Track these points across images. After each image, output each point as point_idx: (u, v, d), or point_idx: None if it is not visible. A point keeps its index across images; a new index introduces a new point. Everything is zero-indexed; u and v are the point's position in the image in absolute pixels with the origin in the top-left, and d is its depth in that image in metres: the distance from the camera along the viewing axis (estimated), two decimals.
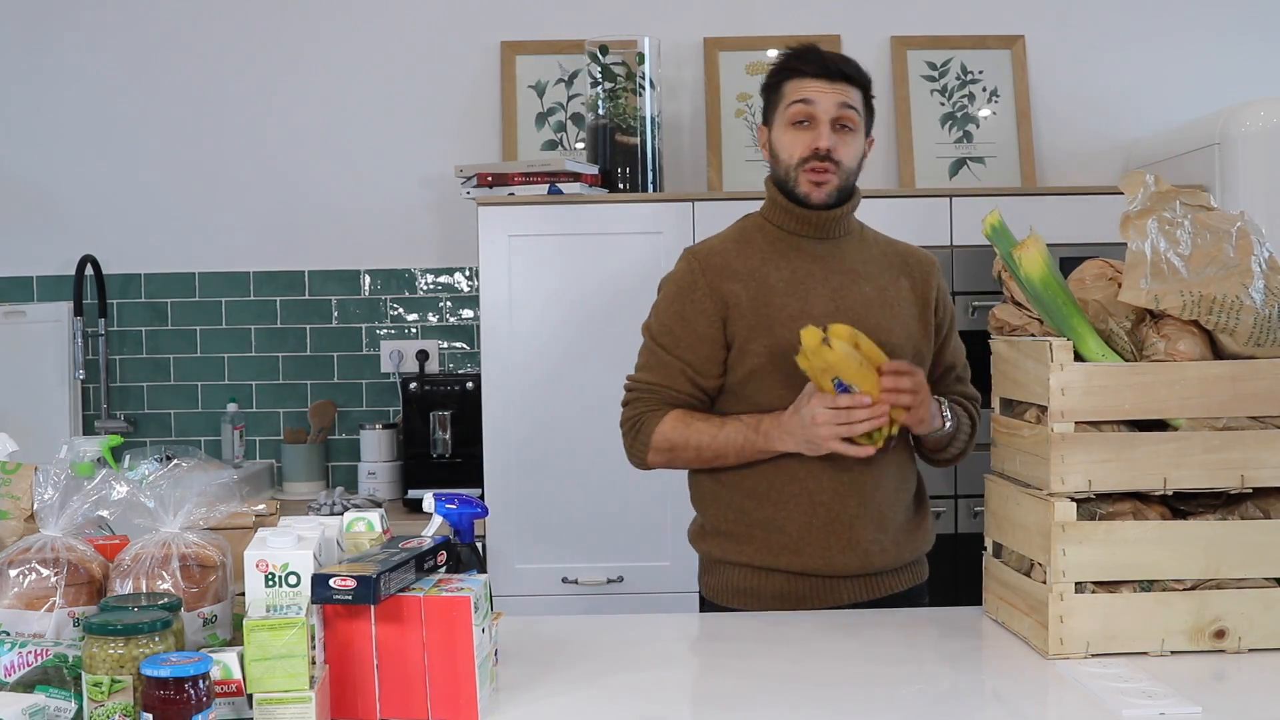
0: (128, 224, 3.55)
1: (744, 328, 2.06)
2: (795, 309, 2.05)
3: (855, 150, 2.09)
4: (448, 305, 3.58)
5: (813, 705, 1.58)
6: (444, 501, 1.73)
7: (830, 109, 2.04)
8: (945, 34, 3.56)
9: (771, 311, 2.06)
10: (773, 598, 2.07)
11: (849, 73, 2.07)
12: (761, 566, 2.07)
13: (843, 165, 2.07)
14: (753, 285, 2.08)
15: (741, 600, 2.09)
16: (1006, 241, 1.78)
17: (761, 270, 2.09)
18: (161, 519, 1.52)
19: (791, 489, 2.05)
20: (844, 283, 2.10)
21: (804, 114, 2.05)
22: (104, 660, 1.32)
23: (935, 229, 3.06)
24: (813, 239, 2.12)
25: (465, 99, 3.55)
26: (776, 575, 2.07)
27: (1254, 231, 1.74)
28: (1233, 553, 1.69)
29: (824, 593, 2.07)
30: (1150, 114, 3.55)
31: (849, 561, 2.05)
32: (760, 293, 2.07)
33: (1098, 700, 1.52)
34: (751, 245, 2.13)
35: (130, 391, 3.56)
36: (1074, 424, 1.69)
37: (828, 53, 2.09)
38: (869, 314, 2.07)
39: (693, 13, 3.55)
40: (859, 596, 2.08)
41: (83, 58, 3.54)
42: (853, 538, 2.05)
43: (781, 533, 2.06)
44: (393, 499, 3.32)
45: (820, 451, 1.96)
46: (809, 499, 2.04)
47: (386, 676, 1.46)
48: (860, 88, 2.09)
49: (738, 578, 2.10)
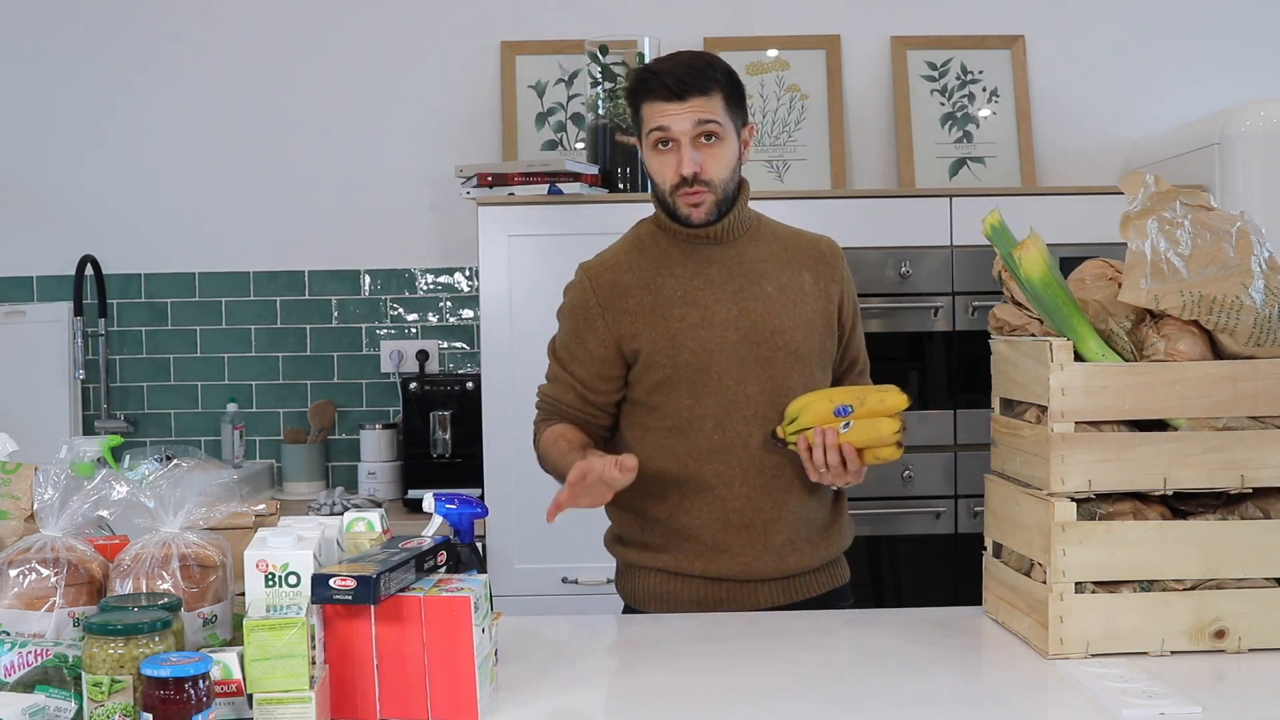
0: (128, 224, 3.55)
1: (645, 343, 2.04)
2: (696, 318, 2.03)
3: (726, 158, 2.02)
4: (448, 305, 3.58)
5: (813, 705, 1.58)
6: (444, 501, 1.73)
7: (688, 129, 1.98)
8: (945, 34, 3.56)
9: (671, 324, 2.03)
10: (689, 602, 2.06)
11: (699, 85, 1.98)
12: (677, 572, 2.06)
13: (714, 181, 2.01)
14: (647, 299, 2.05)
15: (657, 604, 2.08)
16: (1006, 241, 1.78)
17: (657, 281, 2.06)
18: (161, 519, 1.52)
19: (704, 496, 2.03)
20: (744, 284, 2.06)
21: (664, 138, 2.01)
22: (104, 660, 1.32)
23: (935, 229, 3.06)
24: (707, 245, 2.08)
25: (465, 99, 3.55)
26: (693, 580, 2.06)
27: (1254, 231, 1.74)
28: (1233, 553, 1.69)
29: (741, 597, 2.05)
30: (1150, 114, 3.55)
31: (765, 565, 2.04)
32: (656, 305, 2.04)
33: (1098, 700, 1.52)
34: (645, 255, 2.09)
35: (130, 391, 3.56)
36: (1074, 424, 1.69)
37: (675, 67, 2.00)
38: (771, 315, 2.04)
39: (693, 13, 3.55)
40: (777, 600, 2.06)
41: (83, 58, 3.54)
42: (768, 541, 2.03)
43: (696, 540, 2.04)
44: (393, 499, 3.32)
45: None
46: (722, 505, 2.03)
47: (386, 676, 1.46)
48: (717, 92, 2.00)
49: (654, 583, 2.09)
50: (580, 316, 2.09)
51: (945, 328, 3.07)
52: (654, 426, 2.06)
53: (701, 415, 2.03)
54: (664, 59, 2.05)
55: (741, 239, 2.10)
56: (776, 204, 3.08)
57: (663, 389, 2.04)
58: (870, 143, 3.57)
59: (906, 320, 3.07)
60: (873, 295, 3.03)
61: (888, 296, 3.06)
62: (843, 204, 3.09)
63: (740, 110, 2.06)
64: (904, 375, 3.11)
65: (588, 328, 2.08)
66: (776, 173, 3.48)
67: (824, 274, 2.12)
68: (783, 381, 2.04)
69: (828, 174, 3.48)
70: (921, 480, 3.07)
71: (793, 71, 3.53)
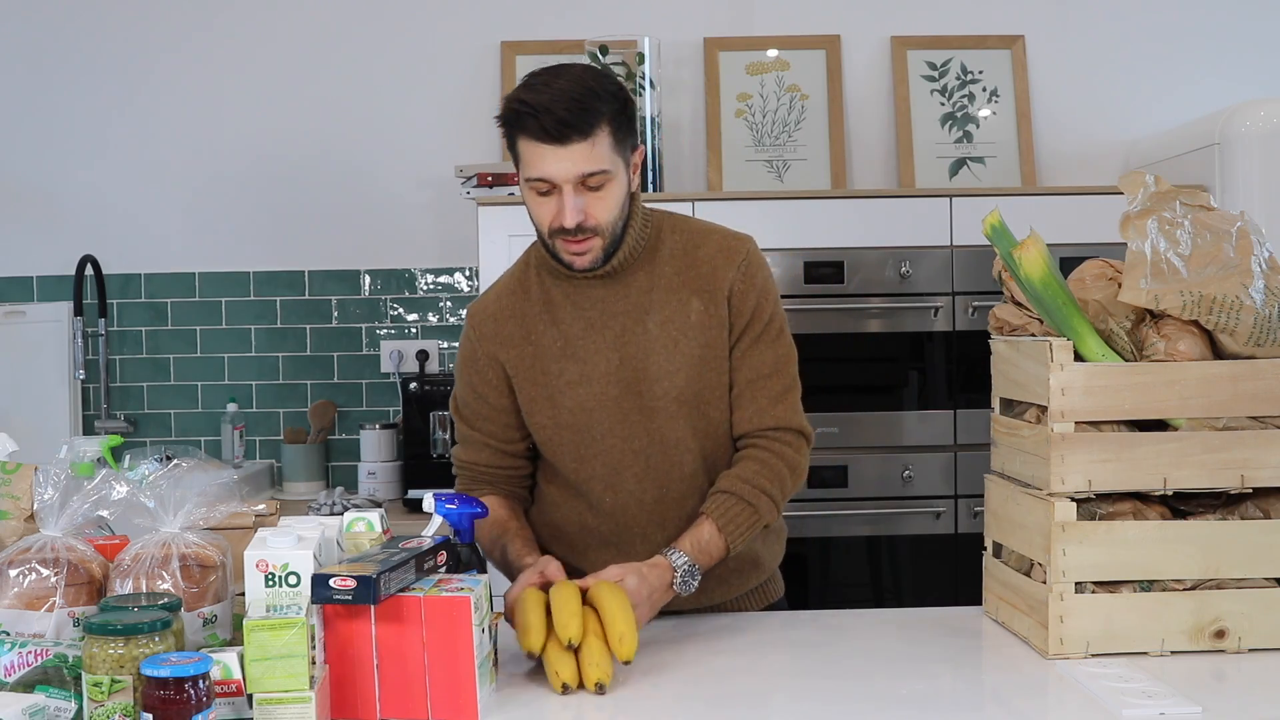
0: (128, 224, 3.55)
1: (525, 399, 1.94)
2: (574, 374, 1.90)
3: (614, 200, 1.82)
4: (448, 305, 3.58)
5: (813, 705, 1.58)
6: (444, 501, 1.73)
7: (568, 176, 1.77)
8: (945, 34, 3.56)
9: (549, 379, 1.92)
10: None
11: (582, 126, 1.76)
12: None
13: (601, 225, 1.82)
14: (528, 351, 1.93)
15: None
16: (1006, 241, 1.78)
17: (535, 331, 1.93)
18: (161, 519, 1.52)
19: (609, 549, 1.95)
20: (626, 325, 1.90)
21: (542, 187, 1.81)
22: (104, 660, 1.32)
23: (935, 229, 3.06)
24: (591, 285, 1.92)
25: (465, 99, 3.55)
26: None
27: (1254, 231, 1.74)
28: (1233, 553, 1.69)
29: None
30: (1150, 114, 3.55)
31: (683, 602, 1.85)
32: (536, 359, 1.93)
33: (1098, 700, 1.52)
34: (529, 296, 1.95)
35: (130, 391, 3.56)
36: (1074, 424, 1.69)
37: (555, 102, 1.75)
38: (650, 360, 1.89)
39: (693, 13, 3.55)
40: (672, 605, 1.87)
41: (83, 59, 3.54)
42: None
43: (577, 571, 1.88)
44: (393, 499, 3.32)
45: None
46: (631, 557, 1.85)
47: (386, 676, 1.46)
48: (606, 125, 1.79)
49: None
50: (473, 368, 1.98)
51: (945, 328, 3.07)
52: (553, 480, 2.00)
53: (589, 477, 1.94)
54: (543, 86, 1.80)
55: (630, 269, 1.92)
56: (777, 204, 3.10)
57: (549, 448, 1.96)
58: (870, 143, 3.57)
59: (906, 320, 3.07)
60: (873, 295, 3.03)
61: (888, 296, 3.05)
62: (843, 204, 3.09)
63: (629, 136, 1.85)
64: (904, 375, 3.11)
65: (481, 380, 1.97)
66: (776, 173, 3.48)
67: (713, 296, 1.90)
68: (669, 432, 1.91)
69: (828, 174, 3.48)
70: (921, 480, 3.07)
71: (793, 71, 3.53)
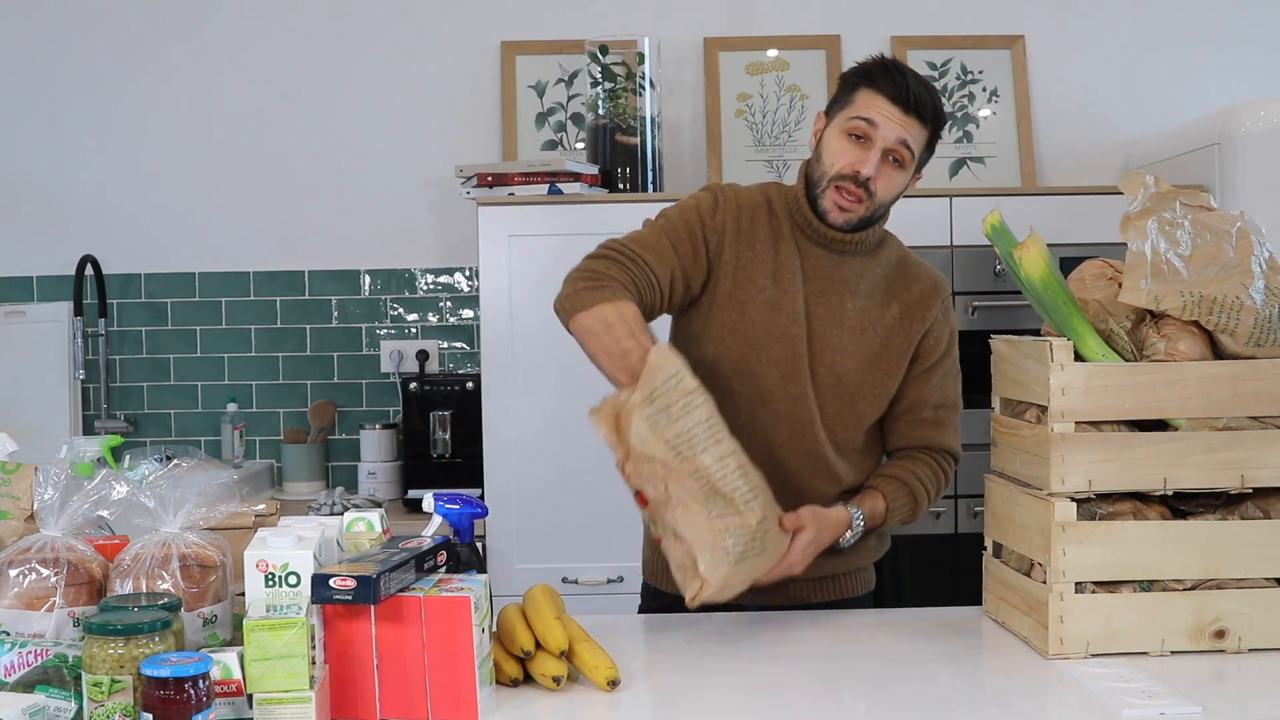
0: (128, 224, 3.55)
1: (721, 293, 1.99)
2: (770, 298, 1.98)
3: (896, 187, 1.97)
4: (448, 305, 3.58)
5: (813, 705, 1.58)
6: (444, 501, 1.73)
7: (889, 138, 1.92)
8: (945, 34, 3.56)
9: (748, 289, 1.99)
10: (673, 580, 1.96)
11: (923, 109, 1.93)
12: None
13: (876, 198, 1.95)
14: (747, 255, 2.00)
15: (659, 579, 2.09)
16: (1006, 241, 1.78)
17: (761, 245, 2.00)
18: (161, 519, 1.52)
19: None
20: (826, 292, 2.01)
21: (861, 130, 1.93)
22: (104, 660, 1.32)
23: (935, 229, 3.06)
24: (819, 246, 2.02)
25: (465, 99, 3.55)
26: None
27: (1254, 232, 1.74)
28: (1233, 553, 1.69)
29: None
30: (1150, 114, 3.55)
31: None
32: (750, 265, 1.99)
33: (1098, 700, 1.52)
34: (769, 219, 2.03)
35: (130, 391, 3.56)
36: (1074, 424, 1.69)
37: (914, 81, 1.94)
38: (829, 331, 1.99)
39: (693, 13, 3.55)
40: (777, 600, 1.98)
41: (83, 58, 3.54)
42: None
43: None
44: (393, 499, 3.32)
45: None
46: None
47: (386, 676, 1.46)
48: (929, 129, 1.97)
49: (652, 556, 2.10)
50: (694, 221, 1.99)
51: None
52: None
53: (734, 395, 1.97)
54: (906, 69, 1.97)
55: (850, 253, 2.03)
56: None
57: (710, 346, 1.99)
58: None
59: None
60: None
61: None
62: None
63: (928, 156, 2.02)
64: None
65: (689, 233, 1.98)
66: (776, 173, 3.48)
67: (913, 311, 2.03)
68: (818, 396, 1.99)
69: None
70: None
71: (793, 71, 3.53)
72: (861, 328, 2.01)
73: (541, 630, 1.61)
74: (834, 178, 1.95)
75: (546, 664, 1.59)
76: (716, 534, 1.70)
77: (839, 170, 1.95)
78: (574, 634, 1.63)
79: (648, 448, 1.71)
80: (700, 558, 1.70)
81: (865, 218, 1.98)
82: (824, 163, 1.98)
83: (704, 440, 1.74)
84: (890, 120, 1.92)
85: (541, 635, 1.61)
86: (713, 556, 1.70)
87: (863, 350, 2.00)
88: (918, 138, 1.95)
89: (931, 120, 1.96)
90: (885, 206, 2.01)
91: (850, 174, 1.93)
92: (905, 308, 2.04)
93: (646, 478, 1.73)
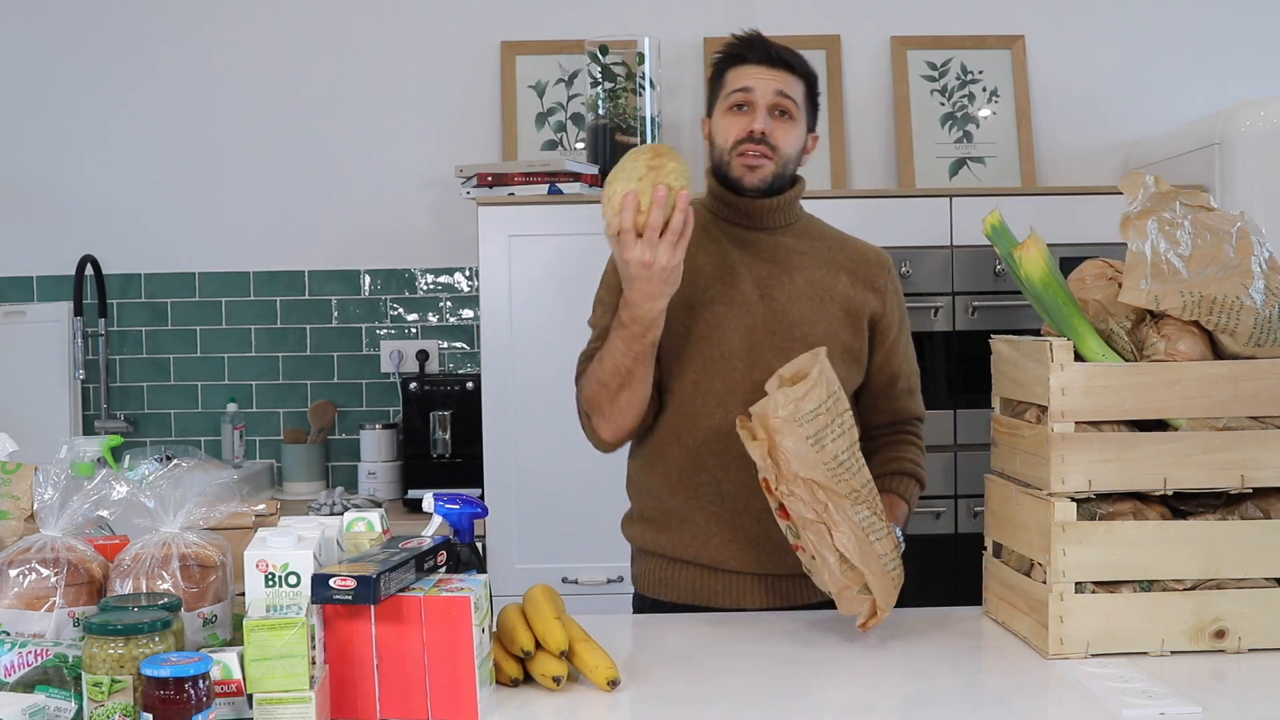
0: (128, 224, 3.55)
1: (676, 306, 1.98)
2: (718, 293, 2.02)
3: (794, 139, 2.04)
4: (448, 305, 3.58)
5: (812, 704, 1.58)
6: (444, 501, 1.73)
7: (768, 95, 2.01)
8: (945, 34, 3.56)
9: (695, 292, 2.01)
10: (684, 590, 2.06)
11: (790, 61, 2.04)
12: (674, 557, 2.06)
13: (780, 151, 2.02)
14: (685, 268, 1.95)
15: (661, 590, 2.09)
16: (1007, 241, 1.78)
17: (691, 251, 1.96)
18: (161, 519, 1.52)
19: (700, 478, 2.02)
20: (772, 272, 2.05)
21: (742, 99, 2.02)
22: (104, 660, 1.32)
23: (935, 229, 3.06)
24: (747, 228, 2.07)
25: (465, 99, 3.55)
26: (689, 568, 2.05)
27: (1254, 232, 1.74)
28: (1233, 553, 1.69)
29: (732, 591, 2.03)
30: (1150, 114, 3.55)
31: (759, 558, 2.01)
32: (690, 281, 1.99)
33: (1098, 700, 1.52)
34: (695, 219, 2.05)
35: (130, 391, 3.56)
36: (1074, 424, 1.69)
37: (771, 41, 2.06)
38: (793, 306, 2.02)
39: (693, 13, 3.55)
40: (770, 602, 2.03)
41: (83, 58, 3.54)
42: (760, 534, 1.99)
43: (690, 524, 2.04)
44: (393, 499, 3.32)
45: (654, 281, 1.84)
46: (717, 490, 2.01)
47: (386, 676, 1.46)
48: (803, 79, 2.05)
49: (655, 567, 2.10)
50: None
51: (945, 328, 3.07)
52: (660, 399, 2.05)
53: (706, 393, 2.01)
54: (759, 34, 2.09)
55: (782, 230, 2.09)
56: None
57: (671, 356, 2.02)
58: (870, 143, 3.57)
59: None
60: None
61: None
62: (843, 204, 3.08)
63: (813, 113, 2.09)
64: None
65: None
66: None
67: (861, 280, 2.08)
68: None
69: (828, 174, 3.48)
70: None
71: None
72: (819, 297, 2.05)
73: (541, 630, 1.62)
74: (733, 148, 2.03)
75: (546, 664, 1.59)
76: (880, 559, 1.75)
77: (734, 138, 2.02)
78: (574, 634, 1.63)
79: (808, 470, 1.72)
80: (872, 585, 1.74)
81: (777, 174, 2.03)
82: (719, 143, 2.06)
83: (854, 461, 1.77)
84: (762, 79, 2.01)
85: (541, 635, 1.61)
86: (884, 584, 1.75)
87: (828, 317, 2.04)
88: (794, 88, 2.03)
89: (802, 70, 2.05)
90: (792, 162, 2.05)
91: (744, 136, 2.01)
92: (853, 276, 2.08)
93: (802, 498, 1.73)
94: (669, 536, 2.06)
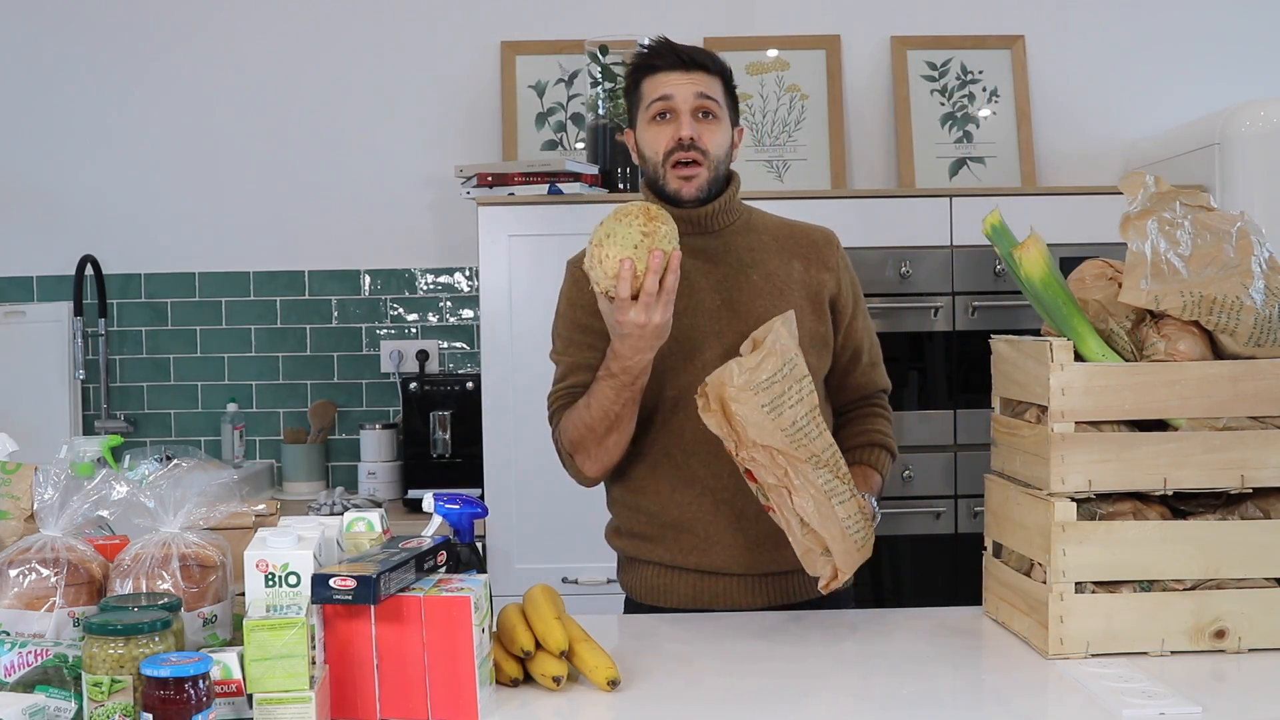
0: (128, 224, 3.56)
1: None
2: (680, 305, 1.96)
3: (722, 139, 2.03)
4: (448, 305, 3.58)
5: (813, 705, 1.58)
6: (444, 501, 1.73)
7: (689, 99, 2.00)
8: (945, 34, 3.56)
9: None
10: (684, 596, 2.06)
11: (703, 61, 2.02)
12: (670, 565, 2.06)
13: (710, 154, 2.01)
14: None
15: (654, 597, 2.09)
16: (1007, 241, 1.78)
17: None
18: (161, 519, 1.52)
19: (693, 489, 2.02)
20: (730, 274, 2.05)
21: (664, 108, 2.01)
22: (104, 660, 1.32)
23: (935, 229, 3.06)
24: (694, 235, 2.04)
25: (465, 99, 3.55)
26: (686, 574, 2.05)
27: (1254, 232, 1.74)
28: (1233, 553, 1.69)
29: (735, 593, 2.04)
30: (1150, 114, 3.55)
31: (755, 559, 2.01)
32: None
33: (1098, 700, 1.52)
34: None
35: (130, 391, 3.56)
36: (1074, 424, 1.69)
37: (680, 45, 2.04)
38: (756, 303, 2.02)
39: (693, 13, 3.55)
40: (770, 600, 2.04)
41: (84, 58, 3.54)
42: (758, 533, 1.99)
43: (688, 532, 2.03)
44: (393, 499, 3.32)
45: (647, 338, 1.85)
46: (711, 496, 2.01)
47: (386, 676, 1.46)
48: (718, 76, 2.04)
49: (651, 575, 2.09)
50: (577, 304, 2.08)
51: (945, 328, 3.07)
52: (642, 419, 2.04)
53: (688, 406, 1.98)
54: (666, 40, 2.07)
55: (729, 230, 2.08)
56: (776, 204, 3.08)
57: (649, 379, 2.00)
58: (870, 143, 3.57)
59: (906, 320, 3.07)
60: (873, 295, 3.03)
61: (888, 296, 3.06)
62: (843, 204, 3.09)
63: (734, 108, 2.08)
64: (904, 375, 3.11)
65: (585, 312, 2.06)
66: (776, 173, 3.48)
67: (815, 261, 2.09)
68: None
69: (828, 174, 3.48)
70: (921, 480, 3.07)
71: (793, 71, 3.53)
72: (778, 289, 2.05)
73: (541, 630, 1.62)
74: (664, 159, 2.02)
75: (546, 664, 1.59)
76: (841, 522, 1.77)
77: (664, 149, 2.01)
78: (574, 634, 1.63)
79: (766, 438, 1.75)
80: (832, 547, 1.77)
81: (711, 179, 2.03)
82: (649, 156, 2.05)
83: (814, 427, 1.80)
84: (680, 85, 2.00)
85: (541, 635, 1.61)
86: (844, 546, 1.77)
87: (792, 306, 2.02)
88: (713, 87, 2.02)
89: (716, 68, 2.04)
90: (723, 162, 2.05)
91: (674, 145, 2.00)
92: (805, 260, 2.09)
93: (763, 464, 1.76)
94: (664, 546, 2.06)
